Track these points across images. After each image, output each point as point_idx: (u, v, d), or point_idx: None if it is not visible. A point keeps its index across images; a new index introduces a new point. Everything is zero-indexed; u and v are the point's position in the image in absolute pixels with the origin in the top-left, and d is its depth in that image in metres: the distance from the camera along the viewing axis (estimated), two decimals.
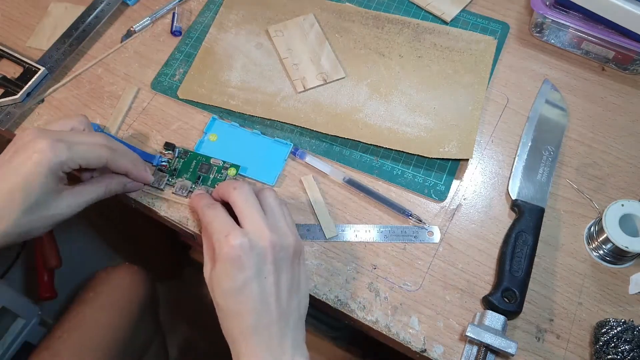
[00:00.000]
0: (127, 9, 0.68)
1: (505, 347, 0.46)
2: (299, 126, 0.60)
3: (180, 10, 0.68)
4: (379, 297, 0.52)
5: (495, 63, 0.64)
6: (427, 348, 0.49)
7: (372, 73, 0.62)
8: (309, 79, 0.62)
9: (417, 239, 0.54)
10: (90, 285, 0.73)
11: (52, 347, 0.65)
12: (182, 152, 0.58)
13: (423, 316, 0.51)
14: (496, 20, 0.67)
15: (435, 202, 0.56)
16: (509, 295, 0.49)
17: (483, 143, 0.59)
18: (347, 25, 0.66)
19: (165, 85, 0.63)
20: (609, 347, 0.47)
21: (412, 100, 0.61)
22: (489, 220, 0.55)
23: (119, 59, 0.64)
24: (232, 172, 0.56)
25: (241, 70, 0.63)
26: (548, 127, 0.59)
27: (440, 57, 0.63)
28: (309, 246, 0.54)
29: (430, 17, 0.67)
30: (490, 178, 0.57)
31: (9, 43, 0.65)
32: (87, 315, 0.69)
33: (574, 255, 0.53)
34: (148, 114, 0.61)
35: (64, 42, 0.64)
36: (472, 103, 0.60)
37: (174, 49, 0.65)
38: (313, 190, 0.56)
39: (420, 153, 0.57)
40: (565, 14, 0.62)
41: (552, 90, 0.62)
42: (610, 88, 0.62)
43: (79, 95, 0.62)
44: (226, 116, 0.61)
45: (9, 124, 0.59)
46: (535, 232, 0.52)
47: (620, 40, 0.59)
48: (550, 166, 0.57)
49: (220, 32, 0.66)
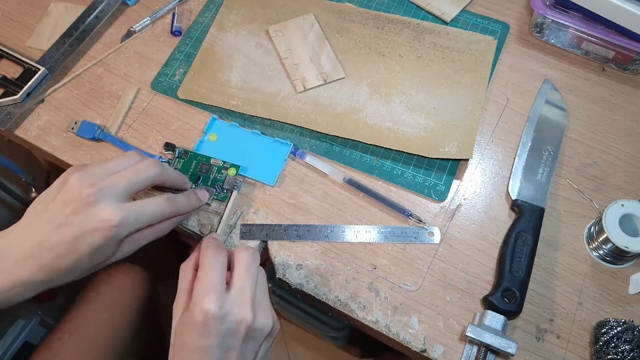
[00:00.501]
0: (127, 9, 0.68)
1: (505, 347, 0.46)
2: (299, 126, 0.60)
3: (180, 10, 0.68)
4: (379, 297, 0.52)
5: (495, 63, 0.64)
6: (427, 348, 0.49)
7: (372, 73, 0.62)
8: (309, 79, 0.62)
9: (417, 239, 0.54)
10: (91, 285, 0.73)
11: (52, 347, 0.65)
12: (182, 152, 0.58)
13: (423, 316, 0.51)
14: (496, 20, 0.67)
15: (435, 202, 0.56)
16: (509, 295, 0.49)
17: (483, 143, 0.59)
18: (347, 25, 0.66)
19: (165, 85, 0.63)
20: (609, 347, 0.47)
21: (412, 100, 0.61)
22: (489, 220, 0.55)
23: (119, 59, 0.64)
24: (232, 172, 0.56)
25: (241, 70, 0.63)
26: (548, 127, 0.59)
27: (440, 57, 0.63)
28: (309, 246, 0.54)
29: (430, 17, 0.67)
30: (490, 178, 0.57)
31: (9, 43, 0.65)
32: (88, 315, 0.69)
33: (574, 255, 0.53)
34: (148, 114, 0.61)
35: (64, 42, 0.64)
36: (472, 103, 0.60)
37: (174, 49, 0.65)
38: None
39: (420, 153, 0.57)
40: (565, 14, 0.62)
41: (552, 90, 0.62)
42: (610, 88, 0.62)
43: (79, 95, 0.62)
44: (226, 116, 0.61)
45: (9, 124, 0.59)
46: (535, 232, 0.52)
47: (620, 40, 0.59)
48: (550, 166, 0.57)
49: (220, 32, 0.66)
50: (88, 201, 0.42)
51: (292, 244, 0.54)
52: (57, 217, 0.43)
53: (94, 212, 0.42)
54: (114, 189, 0.44)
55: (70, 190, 0.43)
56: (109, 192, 0.43)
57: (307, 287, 0.52)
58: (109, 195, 0.43)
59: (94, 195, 0.43)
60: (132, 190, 0.45)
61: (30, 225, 0.44)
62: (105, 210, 0.42)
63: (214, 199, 0.55)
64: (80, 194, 0.43)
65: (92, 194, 0.43)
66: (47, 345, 0.66)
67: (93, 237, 0.42)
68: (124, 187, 0.44)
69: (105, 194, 0.43)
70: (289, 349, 1.16)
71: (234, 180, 0.56)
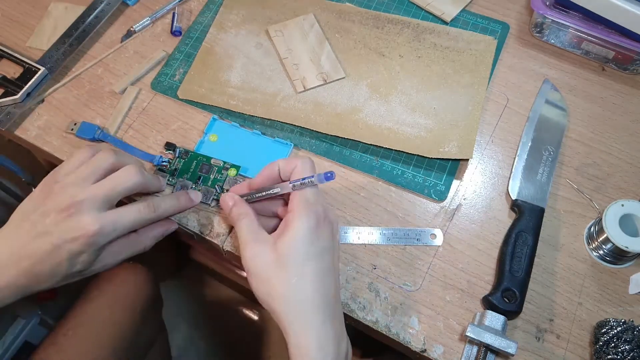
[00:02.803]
0: (127, 9, 0.68)
1: (505, 347, 0.46)
2: (299, 126, 0.60)
3: (180, 10, 0.68)
4: (379, 297, 0.52)
5: (495, 63, 0.64)
6: (427, 348, 0.49)
7: (372, 73, 0.62)
8: (309, 79, 0.62)
9: (419, 241, 0.54)
10: (95, 284, 0.73)
11: (57, 343, 0.66)
12: (182, 152, 0.58)
13: (423, 316, 0.51)
14: (496, 20, 0.67)
15: (435, 202, 0.56)
16: (509, 295, 0.49)
17: (483, 143, 0.59)
18: (347, 25, 0.66)
19: (165, 85, 0.63)
20: (609, 347, 0.47)
21: (412, 100, 0.61)
22: (489, 220, 0.55)
23: (119, 59, 0.64)
24: (233, 173, 0.56)
25: (241, 70, 0.63)
26: (548, 127, 0.59)
27: (440, 57, 0.63)
28: None
29: (430, 17, 0.67)
30: (490, 178, 0.57)
31: (9, 43, 0.65)
32: (92, 312, 0.70)
33: (574, 255, 0.53)
34: (148, 114, 0.61)
35: (64, 42, 0.64)
36: (472, 103, 0.60)
37: (174, 49, 0.65)
38: None
39: (420, 153, 0.57)
40: (565, 14, 0.62)
41: (552, 90, 0.62)
42: (610, 88, 0.62)
43: (79, 95, 0.62)
44: (226, 116, 0.61)
45: (9, 124, 0.59)
46: (535, 232, 0.52)
47: (620, 40, 0.59)
48: (550, 166, 0.57)
49: (220, 32, 0.66)
50: (69, 213, 0.44)
51: None
52: (38, 226, 0.45)
53: (74, 222, 0.44)
54: (94, 201, 0.45)
55: (52, 202, 0.45)
56: (88, 204, 0.45)
57: None
58: (88, 206, 0.45)
59: (75, 207, 0.44)
60: (112, 200, 0.47)
61: (11, 233, 0.46)
62: (84, 219, 0.44)
63: (214, 199, 0.55)
64: (60, 207, 0.45)
65: (72, 206, 0.45)
66: (52, 341, 0.67)
67: (72, 245, 0.44)
68: (103, 198, 0.46)
69: (85, 206, 0.45)
70: None
71: (235, 181, 0.56)
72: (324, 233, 0.44)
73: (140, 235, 0.51)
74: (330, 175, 0.43)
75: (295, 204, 0.44)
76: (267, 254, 0.43)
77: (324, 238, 0.44)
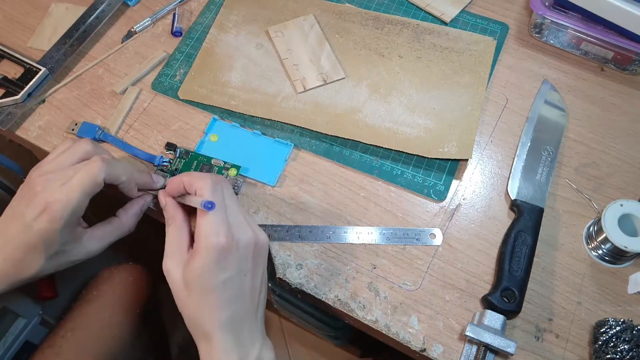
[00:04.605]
0: (128, 10, 0.69)
1: (504, 346, 0.46)
2: (299, 126, 0.60)
3: (181, 10, 0.68)
4: (378, 296, 0.52)
5: (495, 63, 0.64)
6: (426, 347, 0.50)
7: (372, 73, 0.63)
8: (309, 80, 0.62)
9: (419, 241, 0.54)
10: (94, 284, 0.73)
11: (55, 345, 0.66)
12: (183, 152, 0.58)
13: (423, 316, 0.51)
14: (495, 20, 0.67)
15: (435, 202, 0.56)
16: (508, 294, 0.50)
17: (482, 143, 0.60)
18: (347, 26, 0.66)
19: (165, 85, 0.63)
20: (608, 346, 0.47)
21: (411, 100, 0.61)
22: (489, 220, 0.55)
23: (119, 60, 0.65)
24: (233, 173, 0.56)
25: (241, 70, 0.63)
26: (547, 127, 0.60)
27: (440, 57, 0.64)
28: (309, 246, 0.54)
29: (430, 18, 0.67)
30: (489, 178, 0.58)
31: (9, 44, 0.65)
32: (90, 313, 0.69)
33: (573, 255, 0.54)
34: (149, 115, 0.61)
35: (64, 43, 0.64)
36: (472, 103, 0.60)
37: (175, 50, 0.65)
38: None
39: (419, 153, 0.57)
40: (564, 14, 0.62)
41: (551, 91, 0.62)
42: (610, 88, 0.62)
43: (79, 95, 0.62)
44: (227, 116, 0.61)
45: (10, 124, 0.59)
46: (534, 232, 0.52)
47: (620, 40, 0.59)
48: (549, 166, 0.57)
49: (220, 33, 0.66)
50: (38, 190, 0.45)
51: (293, 244, 0.54)
52: (15, 211, 0.47)
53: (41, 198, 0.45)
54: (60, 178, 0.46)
55: (28, 187, 0.46)
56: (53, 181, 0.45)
57: (307, 287, 0.52)
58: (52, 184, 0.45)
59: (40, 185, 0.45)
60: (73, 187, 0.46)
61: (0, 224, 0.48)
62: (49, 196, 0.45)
63: None
64: (35, 190, 0.45)
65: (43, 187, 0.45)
66: (50, 343, 0.66)
67: (39, 224, 0.44)
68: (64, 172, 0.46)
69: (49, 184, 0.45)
70: (289, 348, 1.16)
71: (235, 181, 0.56)
72: (229, 263, 0.43)
73: (121, 217, 0.52)
74: (211, 206, 0.42)
75: (196, 234, 0.43)
76: (178, 273, 0.44)
77: (230, 268, 0.43)
